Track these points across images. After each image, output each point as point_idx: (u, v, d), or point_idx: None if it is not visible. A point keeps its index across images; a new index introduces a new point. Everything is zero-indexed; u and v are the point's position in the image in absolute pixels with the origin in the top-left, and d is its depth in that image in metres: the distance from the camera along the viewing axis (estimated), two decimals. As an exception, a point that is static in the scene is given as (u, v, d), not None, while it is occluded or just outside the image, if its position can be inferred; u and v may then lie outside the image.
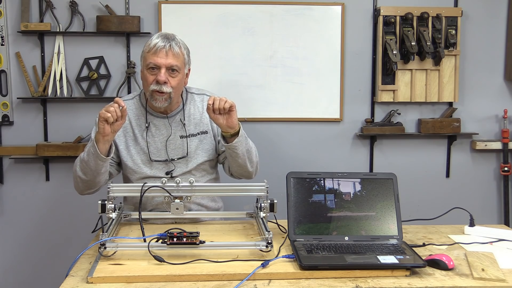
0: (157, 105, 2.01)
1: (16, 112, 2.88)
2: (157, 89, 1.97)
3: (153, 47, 1.97)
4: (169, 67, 1.97)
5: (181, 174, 2.07)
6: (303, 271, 1.52)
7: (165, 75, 1.97)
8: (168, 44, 1.97)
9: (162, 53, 1.96)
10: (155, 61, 1.96)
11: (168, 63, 1.97)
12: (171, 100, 2.01)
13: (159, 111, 2.08)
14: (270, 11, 2.90)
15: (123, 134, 2.08)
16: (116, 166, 2.13)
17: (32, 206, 2.93)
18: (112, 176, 2.13)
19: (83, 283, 1.47)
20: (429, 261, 1.59)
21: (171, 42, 1.98)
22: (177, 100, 2.08)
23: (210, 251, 1.63)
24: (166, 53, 1.96)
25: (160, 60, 1.96)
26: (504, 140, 3.02)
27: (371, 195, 1.80)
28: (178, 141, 2.08)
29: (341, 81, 2.96)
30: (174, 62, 1.98)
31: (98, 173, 1.94)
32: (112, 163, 2.09)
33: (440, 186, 3.09)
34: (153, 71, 1.98)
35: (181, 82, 2.04)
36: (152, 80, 1.98)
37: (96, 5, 2.83)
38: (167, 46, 1.97)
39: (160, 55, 1.96)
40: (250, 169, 2.07)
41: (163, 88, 1.97)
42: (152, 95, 2.00)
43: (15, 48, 2.84)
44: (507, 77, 3.05)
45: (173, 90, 1.99)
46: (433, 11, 2.90)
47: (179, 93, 2.07)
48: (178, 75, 2.00)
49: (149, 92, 2.00)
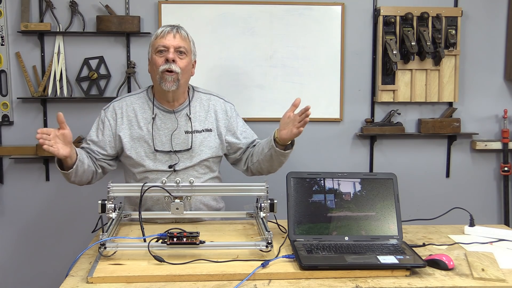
0: (166, 87, 2.03)
1: (16, 112, 2.88)
2: (167, 68, 2.02)
3: (161, 32, 2.06)
4: (177, 48, 2.04)
5: (184, 168, 2.09)
6: (303, 271, 1.53)
7: (173, 54, 2.03)
8: (176, 28, 2.07)
9: (170, 35, 2.04)
10: (163, 43, 2.03)
11: (176, 44, 2.04)
12: (179, 83, 2.04)
13: (166, 103, 2.11)
14: (270, 11, 2.90)
15: (128, 127, 2.10)
16: (109, 161, 2.14)
17: (32, 206, 2.93)
18: (106, 170, 2.15)
19: (83, 283, 1.47)
20: (429, 261, 1.59)
21: (178, 28, 2.08)
22: (184, 89, 2.12)
23: (210, 251, 1.63)
24: (174, 36, 2.05)
25: (168, 42, 2.03)
26: (504, 140, 3.02)
27: (371, 195, 1.80)
28: (183, 135, 2.10)
29: (341, 81, 2.96)
30: (182, 44, 2.05)
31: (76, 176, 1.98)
32: (104, 159, 2.12)
33: (440, 186, 3.09)
34: (162, 53, 2.04)
35: (188, 66, 2.09)
36: (162, 61, 2.03)
37: (96, 5, 2.83)
38: (174, 30, 2.06)
39: (168, 38, 2.04)
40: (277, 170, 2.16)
41: (173, 67, 2.02)
42: (162, 77, 2.03)
43: (15, 48, 2.84)
44: (507, 77, 3.05)
45: (181, 72, 2.04)
46: (433, 11, 2.90)
47: (186, 78, 2.11)
48: (186, 57, 2.07)
49: (159, 74, 2.04)
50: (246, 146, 2.20)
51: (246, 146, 2.20)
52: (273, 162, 2.07)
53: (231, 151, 2.21)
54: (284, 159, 2.07)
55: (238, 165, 2.25)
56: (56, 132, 1.85)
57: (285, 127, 1.98)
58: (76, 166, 1.93)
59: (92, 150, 2.11)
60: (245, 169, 2.23)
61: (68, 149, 1.86)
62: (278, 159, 2.06)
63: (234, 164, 2.28)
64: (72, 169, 1.92)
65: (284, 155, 2.04)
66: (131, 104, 2.13)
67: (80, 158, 1.96)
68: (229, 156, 2.24)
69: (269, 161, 2.08)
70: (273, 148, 2.01)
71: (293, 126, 1.94)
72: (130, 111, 2.12)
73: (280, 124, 2.01)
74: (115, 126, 2.11)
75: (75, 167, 1.93)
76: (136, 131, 2.10)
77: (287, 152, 2.03)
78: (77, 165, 1.94)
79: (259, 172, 2.17)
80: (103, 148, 2.11)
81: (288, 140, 1.99)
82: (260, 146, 2.13)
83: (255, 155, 2.14)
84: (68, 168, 1.93)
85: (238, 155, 2.22)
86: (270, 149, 2.03)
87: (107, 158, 2.13)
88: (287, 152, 2.03)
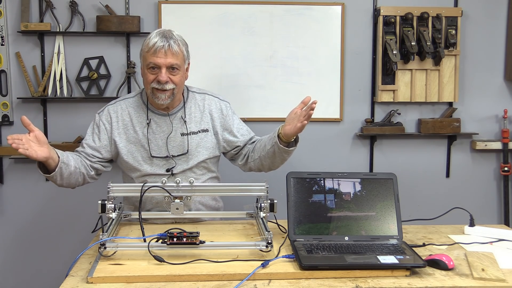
0: (159, 103, 2.02)
1: (16, 112, 2.87)
2: (158, 88, 1.99)
3: (152, 46, 1.97)
4: (169, 66, 1.99)
5: (182, 171, 2.08)
6: (303, 271, 1.53)
7: (166, 75, 1.98)
8: (167, 43, 1.97)
9: (161, 53, 1.97)
10: (155, 61, 1.97)
11: (168, 63, 1.98)
12: (174, 96, 2.03)
13: (160, 109, 2.09)
14: (270, 11, 2.90)
15: (124, 131, 2.09)
16: (104, 163, 2.12)
17: (32, 206, 2.93)
18: (100, 172, 2.12)
19: (83, 283, 1.47)
20: (429, 261, 1.59)
21: (170, 41, 1.98)
22: (179, 97, 2.10)
23: (210, 251, 1.63)
24: (165, 53, 1.97)
25: (160, 60, 1.97)
26: (504, 140, 3.02)
27: (371, 195, 1.80)
28: (178, 138, 2.09)
29: (341, 81, 2.96)
30: (174, 61, 1.99)
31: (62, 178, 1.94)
32: (99, 162, 2.09)
33: (440, 186, 3.09)
34: (154, 70, 1.99)
35: (182, 78, 2.06)
36: (153, 79, 1.99)
37: (96, 5, 2.83)
38: (166, 45, 1.97)
39: (159, 55, 1.97)
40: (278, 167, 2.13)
41: (165, 86, 1.99)
42: (153, 93, 2.01)
43: (15, 48, 2.83)
44: (507, 77, 3.05)
45: (176, 87, 2.02)
46: (433, 11, 2.90)
47: (181, 89, 2.09)
48: (179, 72, 2.02)
49: (150, 89, 2.02)
50: (244, 143, 2.18)
51: (244, 144, 2.18)
52: (276, 159, 2.05)
53: (228, 148, 2.19)
54: (287, 156, 2.04)
55: (235, 161, 2.23)
56: (28, 136, 1.79)
57: (290, 122, 1.96)
58: (60, 169, 1.88)
59: (87, 154, 2.07)
60: (242, 164, 2.20)
61: (45, 150, 1.81)
62: (281, 156, 2.03)
63: (231, 160, 2.26)
64: (55, 171, 1.87)
65: (287, 152, 2.01)
66: (126, 108, 2.11)
67: (64, 161, 1.91)
68: (226, 153, 2.23)
69: (271, 158, 2.06)
70: (276, 144, 1.99)
71: (298, 121, 1.92)
72: (125, 115, 2.10)
73: (286, 120, 1.99)
74: (110, 130, 2.09)
75: (58, 169, 1.87)
76: (132, 135, 2.08)
77: (291, 149, 2.01)
78: (61, 167, 1.89)
79: (259, 169, 2.15)
80: (98, 151, 2.08)
81: (291, 135, 1.96)
82: (262, 142, 2.11)
83: (256, 151, 2.12)
84: (52, 171, 1.88)
85: (234, 152, 2.20)
86: (273, 146, 2.01)
87: (102, 161, 2.10)
88: (291, 149, 2.01)
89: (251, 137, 2.21)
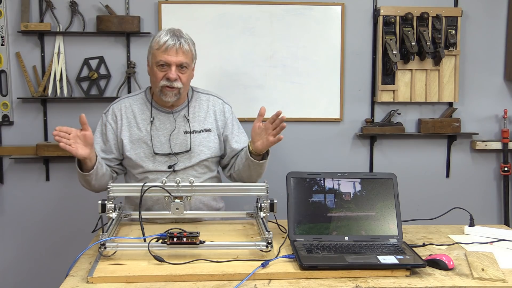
0: (167, 100, 2.04)
1: (16, 112, 2.87)
2: (167, 85, 2.01)
3: (163, 44, 2.00)
4: (179, 65, 2.01)
5: (183, 168, 2.09)
6: (303, 271, 1.53)
7: (175, 72, 2.01)
8: (178, 42, 2.00)
9: (173, 51, 2.00)
10: (165, 59, 2.00)
11: (178, 61, 2.01)
12: (180, 94, 2.06)
13: (165, 106, 2.11)
14: (270, 11, 2.90)
15: (128, 128, 2.11)
16: (119, 166, 2.16)
17: (32, 206, 2.93)
18: (118, 174, 2.18)
19: (83, 283, 1.47)
20: (429, 261, 1.59)
21: (181, 40, 2.02)
22: (184, 95, 2.12)
23: (210, 251, 1.63)
24: (176, 51, 2.00)
25: (171, 58, 2.00)
26: (504, 140, 3.02)
27: (371, 195, 1.80)
28: (181, 136, 2.10)
29: (341, 81, 2.96)
30: (185, 60, 2.02)
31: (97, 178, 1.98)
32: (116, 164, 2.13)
33: (440, 186, 3.09)
34: (163, 68, 2.02)
35: (190, 77, 2.09)
36: (162, 76, 2.02)
37: (96, 5, 2.83)
38: (177, 44, 2.00)
39: (170, 53, 2.00)
40: (257, 179, 2.13)
41: (174, 84, 2.01)
42: (162, 91, 2.03)
43: (15, 48, 2.83)
44: (507, 77, 3.05)
45: (183, 86, 2.04)
46: (433, 11, 2.90)
47: (187, 87, 2.12)
48: (188, 71, 2.05)
49: (158, 87, 2.03)
50: (235, 152, 2.18)
51: (235, 153, 2.18)
52: (251, 172, 2.07)
53: (225, 154, 2.20)
54: (260, 169, 2.06)
55: (223, 170, 2.26)
56: (78, 132, 1.85)
57: (258, 138, 1.97)
58: (96, 168, 1.93)
59: (105, 158, 2.11)
60: (228, 176, 2.23)
61: (87, 150, 1.87)
62: (256, 170, 2.06)
63: (223, 169, 2.27)
64: (93, 170, 1.92)
65: (260, 166, 2.04)
66: (130, 106, 2.14)
67: (99, 160, 1.98)
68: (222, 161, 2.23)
69: (247, 171, 2.08)
70: (249, 159, 2.02)
71: (268, 134, 1.93)
72: (129, 112, 2.13)
73: (252, 136, 2.00)
74: (116, 128, 2.11)
75: (95, 168, 1.93)
76: (136, 132, 2.10)
77: (262, 162, 2.03)
78: (97, 167, 1.94)
79: (241, 180, 2.16)
80: (111, 152, 2.11)
81: (264, 150, 1.99)
82: (240, 155, 2.13)
83: (236, 163, 2.15)
84: (88, 171, 1.93)
85: (225, 159, 2.21)
86: (247, 159, 2.04)
87: (117, 162, 2.14)
88: (262, 163, 2.03)
89: (243, 148, 2.18)
